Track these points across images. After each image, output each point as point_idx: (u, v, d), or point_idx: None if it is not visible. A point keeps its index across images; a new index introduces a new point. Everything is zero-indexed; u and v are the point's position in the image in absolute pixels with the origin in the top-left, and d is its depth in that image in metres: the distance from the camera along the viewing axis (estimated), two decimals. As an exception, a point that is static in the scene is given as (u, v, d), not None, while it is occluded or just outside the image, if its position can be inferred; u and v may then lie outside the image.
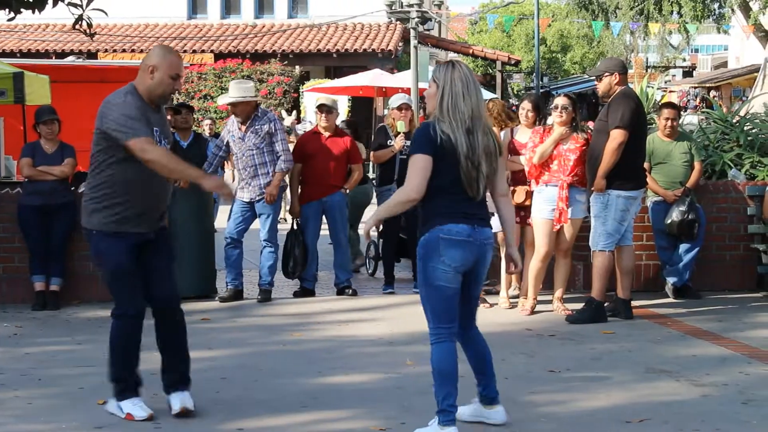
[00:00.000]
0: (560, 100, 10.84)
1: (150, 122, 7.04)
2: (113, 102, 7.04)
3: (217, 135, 16.55)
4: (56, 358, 9.02)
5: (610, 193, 10.28)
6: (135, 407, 7.08)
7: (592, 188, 10.37)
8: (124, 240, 7.08)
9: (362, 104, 35.98)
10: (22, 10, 11.88)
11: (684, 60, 72.62)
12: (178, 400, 7.18)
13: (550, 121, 11.02)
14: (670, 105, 12.30)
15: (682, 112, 15.81)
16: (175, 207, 11.66)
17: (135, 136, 6.87)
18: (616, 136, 10.17)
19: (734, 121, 13.94)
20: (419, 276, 6.65)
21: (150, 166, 6.89)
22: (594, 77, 10.75)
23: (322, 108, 12.27)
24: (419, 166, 6.49)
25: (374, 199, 13.84)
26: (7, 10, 11.88)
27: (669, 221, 11.39)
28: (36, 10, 11.93)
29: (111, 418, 7.06)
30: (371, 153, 12.69)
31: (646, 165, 11.16)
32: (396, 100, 12.53)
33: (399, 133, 12.25)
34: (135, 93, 7.11)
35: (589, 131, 10.86)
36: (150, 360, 8.56)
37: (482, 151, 6.54)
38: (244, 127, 11.77)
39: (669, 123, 11.66)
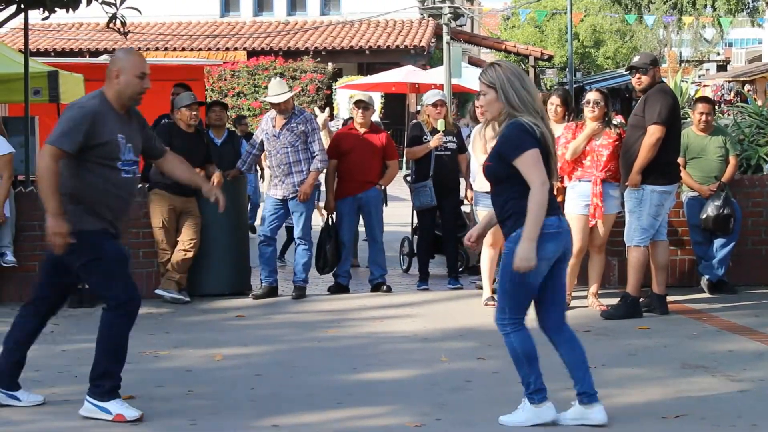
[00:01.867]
0: (592, 95, 10.79)
1: (113, 130, 7.04)
2: (74, 104, 7.15)
3: (249, 135, 16.56)
4: (92, 355, 9.03)
5: (644, 188, 10.24)
6: (124, 407, 6.98)
7: (627, 183, 10.33)
8: (114, 236, 7.18)
9: (395, 101, 36.03)
10: (56, 9, 11.94)
11: (718, 54, 72.23)
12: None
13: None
14: (704, 99, 12.23)
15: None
16: (210, 205, 11.70)
17: (52, 143, 6.92)
18: (654, 132, 10.13)
19: (769, 115, 13.85)
20: (508, 269, 6.55)
21: (36, 169, 7.01)
22: (630, 71, 10.67)
23: (359, 104, 12.27)
24: (535, 161, 6.49)
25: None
26: (41, 9, 11.94)
27: (704, 216, 11.33)
28: (70, 9, 11.99)
29: (148, 415, 7.05)
30: (405, 149, 12.69)
31: (680, 160, 11.10)
32: (430, 97, 12.50)
33: (435, 129, 12.20)
34: (102, 98, 7.11)
35: (623, 127, 10.82)
36: (186, 356, 8.60)
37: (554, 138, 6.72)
38: (279, 125, 11.79)
39: (704, 117, 11.59)
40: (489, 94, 6.65)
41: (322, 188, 12.44)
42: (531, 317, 6.76)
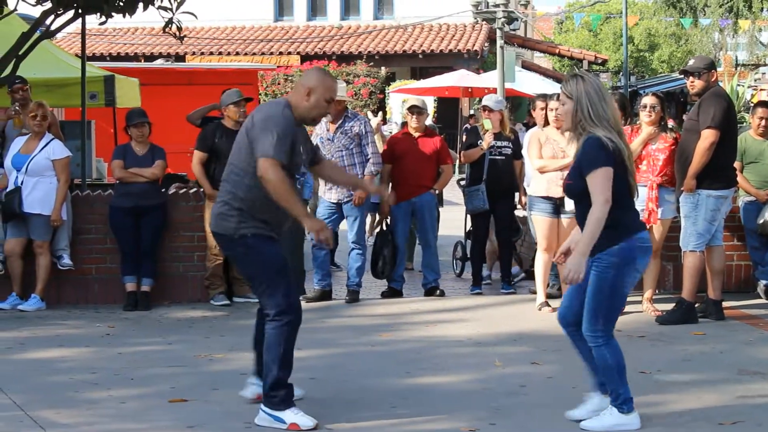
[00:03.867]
0: (649, 99, 10.74)
1: (297, 140, 6.98)
2: (272, 114, 6.94)
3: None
4: (148, 358, 9.13)
5: (700, 193, 10.17)
6: (298, 416, 6.90)
7: (682, 188, 10.26)
8: (278, 243, 7.11)
9: (448, 105, 36.01)
10: (113, 14, 12.04)
11: (774, 58, 71.57)
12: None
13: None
14: (764, 104, 12.10)
15: None
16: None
17: (273, 155, 6.77)
18: (708, 136, 10.06)
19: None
20: (606, 283, 6.66)
21: (264, 184, 6.80)
22: (684, 75, 10.63)
23: (412, 109, 12.27)
24: (606, 178, 6.58)
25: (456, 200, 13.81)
26: (98, 14, 12.05)
27: (761, 221, 11.24)
28: (126, 14, 12.09)
29: (203, 417, 7.11)
30: (461, 153, 12.73)
31: (737, 164, 11.03)
32: (483, 101, 12.61)
33: (487, 131, 12.23)
34: (290, 108, 7.03)
35: (678, 131, 10.76)
36: (241, 360, 8.63)
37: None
38: (333, 128, 11.80)
39: (763, 122, 11.47)
40: (567, 104, 6.72)
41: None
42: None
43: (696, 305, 10.41)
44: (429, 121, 14.03)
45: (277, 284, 7.00)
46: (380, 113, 21.19)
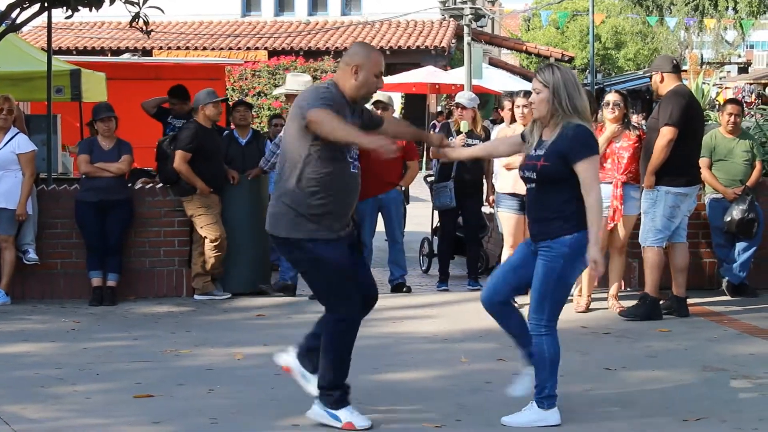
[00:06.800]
0: (611, 97, 10.76)
1: (344, 114, 6.69)
2: (313, 89, 6.82)
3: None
4: (114, 353, 9.09)
5: (659, 189, 10.23)
6: (354, 415, 6.79)
7: (642, 185, 10.33)
8: (341, 243, 6.81)
9: (415, 101, 36.04)
10: (79, 7, 11.98)
11: (739, 56, 71.96)
12: None
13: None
14: (733, 101, 12.15)
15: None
16: (231, 204, 11.76)
17: (311, 108, 6.52)
18: (665, 134, 10.13)
19: (792, 118, 13.77)
20: (554, 272, 6.67)
21: (314, 127, 6.51)
22: (650, 75, 10.70)
23: (377, 104, 12.23)
24: (597, 166, 6.73)
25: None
26: (64, 7, 11.99)
27: (728, 219, 11.28)
28: (93, 8, 12.03)
29: (168, 413, 7.10)
30: (431, 150, 12.72)
31: (706, 161, 11.09)
32: (456, 98, 12.62)
33: (460, 131, 12.20)
34: (337, 87, 6.77)
35: (642, 129, 10.81)
36: (207, 355, 8.60)
37: None
38: None
39: (732, 119, 11.50)
40: (542, 93, 6.69)
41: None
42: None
43: (661, 302, 10.46)
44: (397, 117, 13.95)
45: (339, 287, 6.80)
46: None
